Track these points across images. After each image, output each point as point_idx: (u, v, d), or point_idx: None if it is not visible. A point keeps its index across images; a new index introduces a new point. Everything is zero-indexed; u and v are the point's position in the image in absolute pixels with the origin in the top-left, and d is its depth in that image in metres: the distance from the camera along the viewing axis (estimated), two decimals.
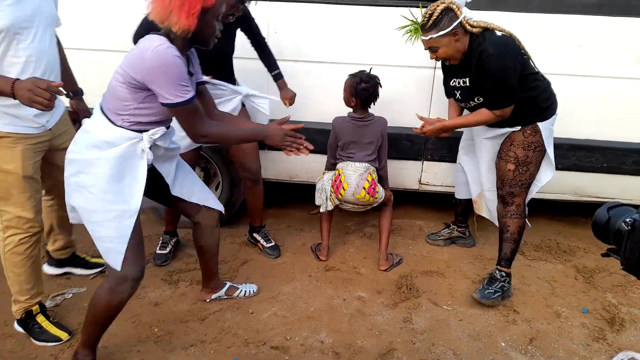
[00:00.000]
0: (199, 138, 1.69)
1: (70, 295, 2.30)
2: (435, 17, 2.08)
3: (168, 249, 2.65)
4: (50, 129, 1.91)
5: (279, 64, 2.66)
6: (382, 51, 2.63)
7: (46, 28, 1.81)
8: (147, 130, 1.70)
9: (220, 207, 2.12)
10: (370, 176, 2.50)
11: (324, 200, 2.60)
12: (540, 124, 2.22)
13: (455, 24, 2.08)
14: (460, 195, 2.77)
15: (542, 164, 2.32)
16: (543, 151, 2.26)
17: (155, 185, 1.90)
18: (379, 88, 2.51)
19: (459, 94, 2.30)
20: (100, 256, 2.17)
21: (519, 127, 2.24)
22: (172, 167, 1.94)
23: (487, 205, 2.56)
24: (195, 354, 1.96)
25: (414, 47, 2.41)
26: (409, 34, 2.26)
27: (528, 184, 2.30)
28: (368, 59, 2.63)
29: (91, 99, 2.85)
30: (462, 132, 2.62)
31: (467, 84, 2.22)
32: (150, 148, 1.72)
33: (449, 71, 2.32)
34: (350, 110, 2.57)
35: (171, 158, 1.93)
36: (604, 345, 2.08)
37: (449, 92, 2.40)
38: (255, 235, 2.79)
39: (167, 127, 1.78)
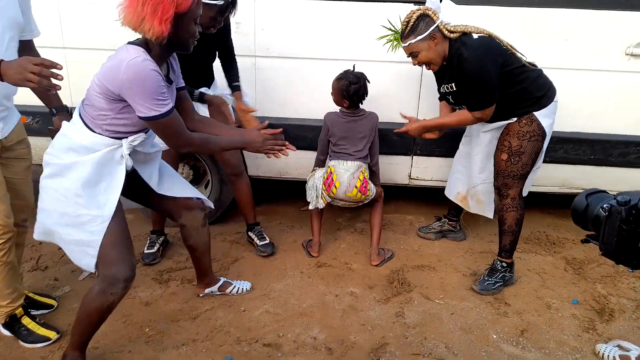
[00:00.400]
0: (179, 150, 1.70)
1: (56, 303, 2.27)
2: (412, 23, 2.15)
3: (156, 248, 2.63)
4: (1, 139, 1.83)
5: (267, 61, 2.66)
6: (370, 46, 2.63)
7: (4, 30, 1.71)
8: (127, 137, 1.69)
9: (209, 202, 2.12)
10: (362, 174, 2.49)
11: (314, 198, 2.59)
12: (537, 114, 2.22)
13: (432, 28, 2.14)
14: (448, 193, 2.77)
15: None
16: (540, 141, 2.26)
17: (136, 187, 1.89)
18: (366, 84, 2.50)
19: (451, 98, 2.37)
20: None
21: (515, 119, 2.26)
22: (154, 170, 1.92)
23: (478, 198, 2.57)
24: (187, 353, 1.95)
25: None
26: (390, 43, 2.38)
27: (521, 174, 2.30)
28: (356, 55, 2.62)
29: (76, 99, 2.83)
30: (451, 130, 2.62)
31: (454, 88, 2.28)
32: (129, 154, 1.72)
33: (438, 77, 2.39)
34: (332, 110, 2.57)
35: (152, 160, 1.91)
36: (594, 336, 2.10)
37: (442, 96, 2.45)
38: (249, 233, 2.78)
39: (146, 132, 1.75)
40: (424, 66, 2.29)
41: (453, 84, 2.27)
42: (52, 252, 2.71)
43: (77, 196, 1.63)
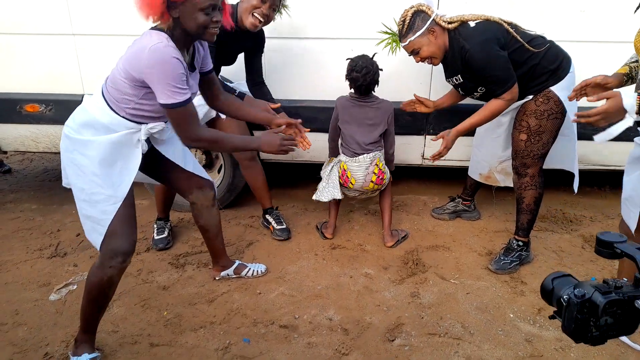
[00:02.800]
0: (189, 142, 1.71)
1: (75, 286, 2.30)
2: (408, 21, 2.16)
3: (166, 232, 2.66)
4: None
5: (277, 42, 2.64)
6: (382, 26, 2.58)
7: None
8: (147, 123, 1.73)
9: (211, 181, 2.15)
10: (376, 167, 2.47)
11: (328, 191, 2.56)
12: (553, 88, 2.17)
13: (429, 22, 2.14)
14: (472, 173, 2.75)
15: (564, 126, 2.27)
16: (559, 118, 2.21)
17: (152, 161, 1.92)
18: (375, 75, 2.39)
19: (461, 89, 2.35)
20: None
21: (531, 97, 2.21)
22: (177, 148, 1.98)
23: (507, 171, 2.54)
24: (204, 335, 1.98)
25: None
26: (389, 46, 2.38)
27: (541, 154, 2.26)
28: (367, 34, 2.57)
29: (87, 86, 2.84)
30: (463, 105, 2.58)
31: (461, 79, 2.26)
32: (147, 140, 1.75)
33: (445, 70, 2.36)
34: (344, 93, 2.53)
35: (174, 140, 1.95)
36: None
37: (454, 87, 2.41)
38: (267, 217, 2.78)
39: (166, 121, 1.78)
40: (426, 61, 2.26)
41: (459, 76, 2.25)
42: (71, 238, 2.76)
43: (94, 174, 1.66)
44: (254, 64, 2.59)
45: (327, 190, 2.56)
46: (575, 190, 2.40)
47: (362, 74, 2.36)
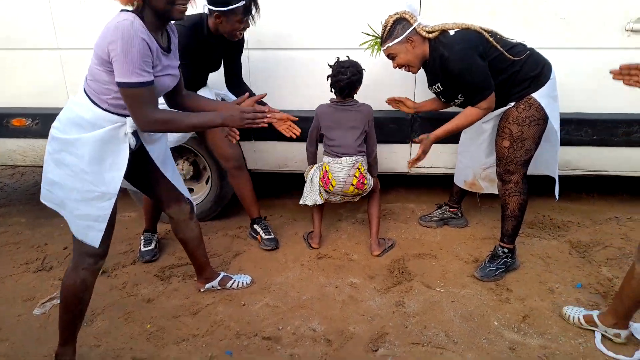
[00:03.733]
0: (144, 125, 1.64)
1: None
2: (389, 28, 2.21)
3: (153, 245, 2.66)
4: None
5: (260, 53, 2.66)
6: (362, 41, 2.59)
7: None
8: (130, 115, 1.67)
9: (189, 198, 2.13)
10: (358, 171, 2.47)
11: (308, 193, 2.57)
12: (535, 95, 2.18)
13: (408, 31, 2.18)
14: (457, 180, 2.76)
15: (547, 132, 2.28)
16: (541, 124, 2.22)
17: (137, 168, 1.90)
18: (355, 76, 2.41)
19: (442, 97, 2.38)
20: None
21: (513, 104, 2.22)
22: (161, 150, 1.94)
23: (491, 178, 2.54)
24: (187, 348, 1.97)
25: None
26: (370, 48, 2.45)
27: (524, 160, 2.27)
28: (351, 43, 2.58)
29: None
30: (449, 113, 2.59)
31: (442, 87, 2.29)
32: (133, 133, 1.71)
33: (427, 78, 2.38)
34: (328, 102, 2.54)
35: (159, 140, 1.92)
36: None
37: (435, 95, 2.43)
38: (255, 226, 2.78)
39: None
40: (403, 68, 2.30)
41: (439, 84, 2.28)
42: (58, 252, 2.75)
43: (85, 173, 1.65)
44: (235, 64, 2.59)
45: (311, 195, 2.57)
46: (557, 197, 2.40)
47: (348, 75, 2.39)
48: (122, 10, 1.58)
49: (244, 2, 2.20)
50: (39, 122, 2.88)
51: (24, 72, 2.83)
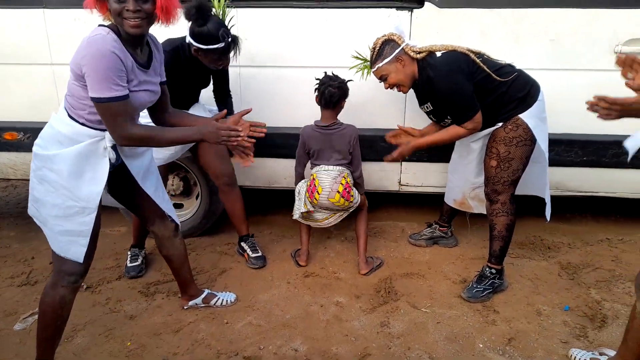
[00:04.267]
0: (121, 140, 1.64)
1: None
2: (378, 49, 2.25)
3: (140, 260, 2.64)
4: None
5: (252, 70, 2.68)
6: (352, 66, 2.60)
7: None
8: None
9: (176, 220, 2.11)
10: (344, 179, 2.47)
11: (298, 207, 2.57)
12: (522, 116, 2.18)
13: (397, 51, 2.22)
14: (447, 199, 2.75)
15: (536, 153, 2.28)
16: (528, 145, 2.22)
17: (122, 185, 1.90)
18: (343, 84, 2.44)
19: (432, 116, 2.39)
20: None
21: (500, 124, 2.22)
22: (142, 165, 1.91)
23: (480, 198, 2.52)
24: None
25: None
26: (360, 71, 2.47)
27: (511, 180, 2.27)
28: (341, 62, 2.60)
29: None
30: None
31: (431, 107, 2.31)
32: (113, 147, 1.71)
33: (417, 98, 2.41)
34: (317, 118, 2.55)
35: (141, 155, 1.90)
36: (584, 343, 2.04)
37: (427, 115, 2.43)
38: (242, 244, 2.76)
39: None
40: (395, 88, 2.31)
41: (429, 104, 2.30)
42: (44, 266, 2.73)
43: (64, 188, 1.64)
44: (222, 80, 2.60)
45: (297, 206, 2.58)
46: (548, 218, 2.39)
47: (337, 82, 2.42)
48: (99, 25, 1.59)
49: (221, 46, 2.20)
50: (31, 136, 2.89)
51: (17, 86, 2.84)
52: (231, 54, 2.31)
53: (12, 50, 2.78)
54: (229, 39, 2.23)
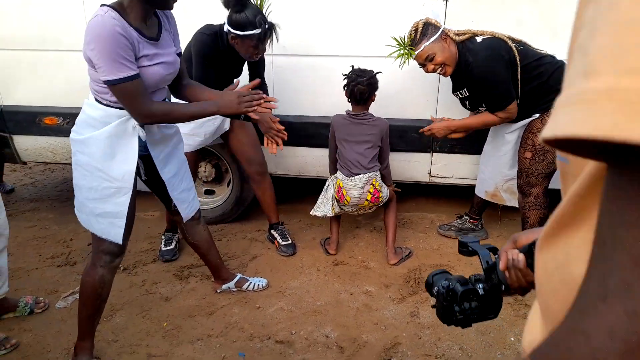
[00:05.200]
0: (142, 119, 1.65)
1: None
2: (421, 29, 2.20)
3: (173, 244, 2.71)
4: None
5: (283, 59, 2.69)
6: (387, 42, 2.60)
7: None
8: None
9: (189, 213, 2.04)
10: (372, 187, 2.47)
11: (323, 207, 2.59)
12: None
13: (440, 30, 2.19)
14: (478, 191, 2.73)
15: None
16: None
17: (151, 172, 1.92)
18: (372, 79, 2.42)
19: (467, 103, 2.37)
20: None
21: (538, 115, 2.20)
22: (164, 151, 1.88)
23: (512, 190, 2.50)
24: (201, 347, 2.00)
25: None
26: (400, 57, 2.36)
27: (546, 173, 2.24)
28: (372, 51, 2.59)
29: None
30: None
31: (467, 93, 2.29)
32: (143, 127, 1.73)
33: (452, 84, 2.39)
34: (349, 108, 2.55)
35: (167, 141, 1.89)
36: None
37: (460, 102, 2.43)
38: (272, 232, 2.81)
39: None
40: (439, 69, 2.26)
41: (465, 89, 2.27)
42: (82, 248, 2.83)
43: (98, 170, 1.68)
44: (257, 70, 2.62)
45: (322, 206, 2.59)
46: None
47: (366, 78, 2.40)
48: (101, 5, 1.54)
49: (258, 32, 2.22)
50: (70, 121, 2.97)
51: (57, 72, 2.93)
52: (267, 41, 2.32)
53: (53, 36, 2.86)
54: (266, 26, 2.25)
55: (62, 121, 2.99)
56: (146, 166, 1.90)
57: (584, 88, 0.28)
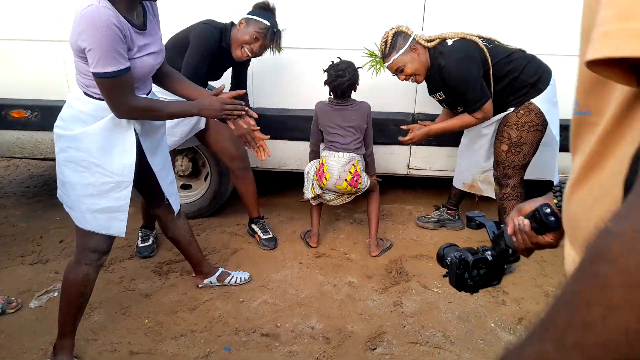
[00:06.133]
0: (121, 113, 1.59)
1: (56, 293, 2.27)
2: (390, 41, 2.23)
3: (151, 240, 2.65)
4: None
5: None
6: (367, 36, 2.61)
7: None
8: None
9: (175, 207, 2.05)
10: (353, 167, 2.48)
11: (308, 189, 2.59)
12: (534, 101, 2.21)
13: (410, 40, 2.22)
14: (456, 183, 2.79)
15: (547, 138, 2.32)
16: (540, 130, 2.25)
17: (138, 165, 1.86)
18: (354, 76, 2.43)
19: (445, 104, 2.41)
20: None
21: (512, 109, 2.25)
22: (155, 139, 1.85)
23: (490, 181, 2.56)
24: (185, 343, 1.97)
25: None
26: (373, 67, 2.44)
27: (521, 165, 2.30)
28: (351, 44, 2.60)
29: None
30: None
31: (444, 96, 2.33)
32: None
33: (428, 87, 2.43)
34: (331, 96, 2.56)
35: (156, 133, 1.86)
36: None
37: (439, 103, 2.46)
38: (253, 226, 2.78)
39: (147, 94, 1.73)
40: (410, 79, 2.30)
41: (442, 92, 2.31)
42: (54, 245, 2.74)
43: (96, 165, 1.63)
44: (240, 76, 2.62)
45: (306, 187, 2.61)
46: None
47: (348, 77, 2.41)
48: None
49: (269, 24, 2.31)
50: (39, 114, 2.86)
51: (24, 64, 2.81)
52: (267, 43, 2.36)
53: (20, 26, 2.73)
54: (275, 29, 2.34)
55: (30, 114, 2.87)
56: None
57: (622, 27, 0.36)
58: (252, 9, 2.39)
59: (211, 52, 2.32)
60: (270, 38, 2.34)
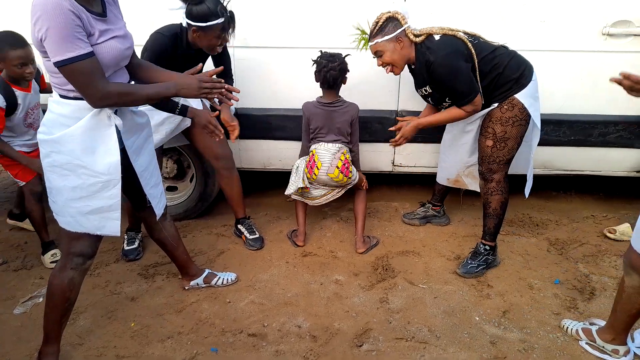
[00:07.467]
0: (97, 101, 1.53)
1: (41, 299, 2.25)
2: (381, 24, 2.23)
3: (137, 243, 2.64)
4: None
5: (245, 51, 2.66)
6: (348, 35, 2.62)
7: None
8: None
9: (158, 210, 2.01)
10: (343, 155, 2.50)
11: (294, 184, 2.58)
12: (517, 96, 2.23)
13: (399, 31, 2.22)
14: (440, 179, 2.81)
15: (527, 133, 2.34)
16: (523, 125, 2.28)
17: (123, 170, 1.83)
18: (343, 64, 2.45)
19: (430, 99, 2.41)
20: None
21: (496, 104, 2.27)
22: (137, 141, 1.82)
23: (474, 175, 2.58)
24: (172, 345, 1.96)
25: None
26: (358, 42, 2.43)
27: (506, 159, 2.33)
28: (335, 43, 2.60)
29: None
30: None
31: (430, 90, 2.33)
32: (116, 113, 1.64)
33: (414, 81, 2.43)
34: (320, 95, 2.56)
35: (140, 130, 1.83)
36: (575, 314, 2.13)
37: (423, 98, 2.46)
38: (239, 226, 2.78)
39: None
40: (387, 68, 2.31)
41: (428, 87, 2.32)
42: (38, 251, 2.70)
43: (81, 167, 1.60)
44: (220, 62, 2.55)
45: (293, 184, 2.60)
46: (527, 195, 2.46)
47: (338, 62, 2.42)
48: None
49: (221, 20, 2.19)
50: None
51: None
52: (230, 30, 2.29)
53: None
54: (227, 14, 2.22)
55: None
56: None
57: None
58: (189, 10, 2.17)
59: (168, 60, 2.23)
60: (229, 27, 2.27)
